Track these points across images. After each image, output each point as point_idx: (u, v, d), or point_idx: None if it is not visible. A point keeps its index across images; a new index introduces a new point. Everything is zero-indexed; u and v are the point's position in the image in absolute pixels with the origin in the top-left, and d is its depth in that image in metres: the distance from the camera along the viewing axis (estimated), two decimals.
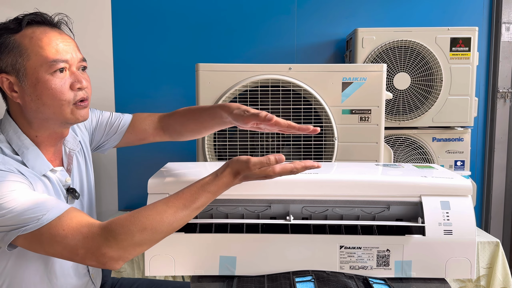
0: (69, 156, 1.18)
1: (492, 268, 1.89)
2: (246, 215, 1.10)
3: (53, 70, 1.01)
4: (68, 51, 1.05)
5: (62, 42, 1.04)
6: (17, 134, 1.06)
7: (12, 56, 1.01)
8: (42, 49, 1.01)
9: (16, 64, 1.01)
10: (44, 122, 1.07)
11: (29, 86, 1.01)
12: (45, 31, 1.04)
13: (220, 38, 2.46)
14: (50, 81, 1.01)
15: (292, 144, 1.63)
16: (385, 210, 1.09)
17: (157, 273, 1.08)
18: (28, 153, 1.05)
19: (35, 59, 1.00)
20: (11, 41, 1.01)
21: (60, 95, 1.03)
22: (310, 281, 1.01)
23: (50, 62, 1.01)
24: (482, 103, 2.55)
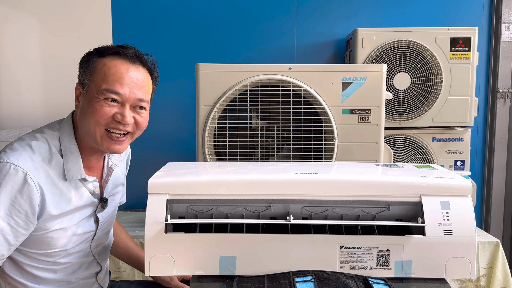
0: (109, 168, 1.28)
1: (492, 268, 1.89)
2: (246, 215, 1.10)
3: (103, 97, 1.12)
4: (128, 87, 1.13)
5: (128, 77, 1.14)
6: (69, 137, 1.18)
7: (86, 73, 1.15)
8: (104, 76, 1.12)
9: (85, 80, 1.15)
10: (85, 136, 1.17)
11: (85, 100, 1.14)
12: (119, 64, 1.14)
13: (220, 38, 2.46)
14: (98, 103, 1.12)
15: (292, 144, 1.63)
16: (385, 210, 1.09)
17: (157, 273, 1.08)
18: (70, 157, 1.16)
19: (96, 82, 1.12)
20: (92, 61, 1.15)
21: (99, 117, 1.12)
22: (310, 281, 1.01)
23: (103, 89, 1.12)
24: (482, 103, 2.55)
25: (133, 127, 1.17)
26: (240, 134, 1.62)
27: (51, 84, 2.47)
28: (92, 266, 1.30)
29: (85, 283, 1.29)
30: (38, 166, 1.10)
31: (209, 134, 1.63)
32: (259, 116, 1.64)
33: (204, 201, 1.10)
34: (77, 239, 1.21)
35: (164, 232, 1.05)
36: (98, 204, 1.25)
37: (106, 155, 1.28)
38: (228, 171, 1.33)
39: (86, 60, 1.16)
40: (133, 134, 1.20)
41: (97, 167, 1.26)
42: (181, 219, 1.09)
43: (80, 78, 1.17)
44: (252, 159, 1.64)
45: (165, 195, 1.08)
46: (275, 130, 1.62)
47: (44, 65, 2.47)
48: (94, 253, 1.29)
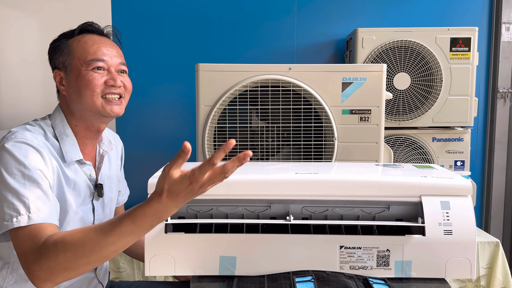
0: (101, 156, 1.32)
1: (492, 268, 1.89)
2: (246, 215, 1.10)
3: (91, 68, 1.18)
4: (107, 54, 1.22)
5: (104, 47, 1.22)
6: (62, 122, 1.22)
7: (63, 55, 1.21)
8: (84, 50, 1.20)
9: (65, 62, 1.20)
10: (82, 113, 1.21)
11: (72, 79, 1.19)
12: (92, 37, 1.23)
13: (220, 38, 2.46)
14: (88, 75, 1.18)
15: (292, 144, 1.63)
16: (385, 210, 1.09)
17: (157, 273, 1.08)
18: (66, 140, 1.20)
19: (78, 57, 1.19)
20: (65, 44, 1.21)
21: (94, 87, 1.18)
22: (310, 281, 1.01)
23: (89, 60, 1.18)
24: (482, 103, 2.55)
25: (123, 90, 1.24)
26: (240, 134, 1.62)
27: (51, 84, 2.47)
28: None
29: (85, 278, 1.28)
30: (42, 144, 1.13)
31: (209, 134, 1.63)
32: (259, 116, 1.64)
33: (204, 201, 1.10)
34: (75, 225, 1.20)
35: (164, 232, 1.05)
36: (94, 191, 1.26)
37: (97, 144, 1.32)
38: None
39: (56, 46, 1.22)
40: (125, 97, 1.26)
41: (91, 155, 1.29)
42: (181, 219, 1.09)
43: (57, 63, 1.22)
44: (252, 159, 1.64)
45: None
46: (275, 130, 1.62)
47: (44, 65, 2.46)
48: None
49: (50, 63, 1.26)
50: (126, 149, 2.26)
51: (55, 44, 1.23)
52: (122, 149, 1.49)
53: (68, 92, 1.21)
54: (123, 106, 1.25)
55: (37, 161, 1.07)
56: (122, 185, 1.50)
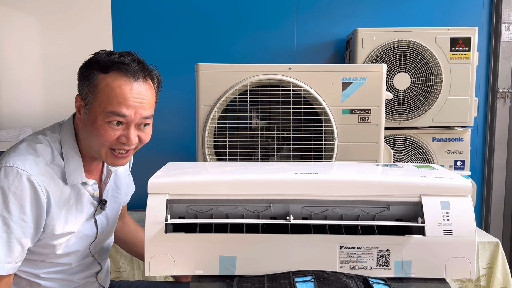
0: (108, 171, 1.29)
1: (492, 268, 1.89)
2: (246, 215, 1.10)
3: (108, 120, 1.10)
4: (133, 107, 1.11)
5: (132, 98, 1.10)
6: (71, 141, 1.18)
7: (88, 89, 1.11)
8: (108, 97, 1.09)
9: (87, 97, 1.12)
10: (89, 148, 1.18)
11: (88, 120, 1.12)
12: (123, 83, 1.10)
13: (220, 38, 2.46)
14: (103, 127, 1.11)
15: (292, 144, 1.63)
16: (385, 210, 1.09)
17: (157, 273, 1.08)
18: (71, 161, 1.16)
19: (100, 102, 1.10)
20: (94, 77, 1.10)
21: (104, 141, 1.12)
22: (310, 281, 1.01)
23: (108, 112, 1.09)
24: (482, 103, 2.55)
25: (137, 143, 1.17)
26: (240, 134, 1.62)
27: (51, 84, 2.48)
28: (93, 266, 1.31)
29: (86, 282, 1.30)
30: (42, 170, 1.11)
31: (209, 134, 1.63)
32: (259, 116, 1.64)
33: (204, 201, 1.10)
34: (79, 241, 1.22)
35: (164, 232, 1.05)
36: (97, 206, 1.25)
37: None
38: (228, 171, 1.33)
39: (86, 75, 1.12)
40: (136, 148, 1.20)
41: (96, 169, 1.27)
42: (181, 219, 1.09)
43: (81, 92, 1.14)
44: (252, 159, 1.64)
45: (165, 195, 1.08)
46: (275, 130, 1.62)
47: (44, 64, 2.47)
48: (93, 254, 1.30)
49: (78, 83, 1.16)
50: None
51: (87, 71, 1.12)
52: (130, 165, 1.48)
53: (81, 123, 1.16)
54: (129, 157, 1.20)
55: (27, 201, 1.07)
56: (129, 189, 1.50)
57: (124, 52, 1.14)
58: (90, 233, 1.25)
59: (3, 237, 1.05)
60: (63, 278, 1.24)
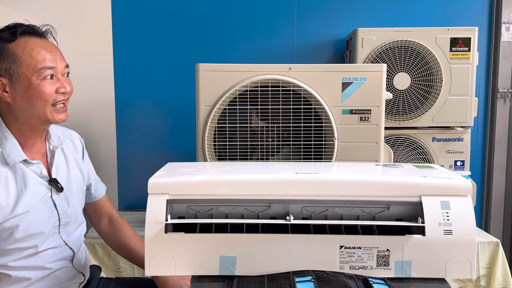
0: (52, 152, 1.32)
1: (492, 268, 1.89)
2: (246, 215, 1.10)
3: (43, 77, 1.18)
4: (54, 60, 1.21)
5: (49, 52, 1.20)
6: (1, 126, 1.22)
7: (7, 62, 1.17)
8: (32, 57, 1.17)
9: (10, 70, 1.17)
10: (29, 119, 1.22)
11: (21, 88, 1.17)
12: (36, 42, 1.19)
13: (220, 38, 2.46)
14: (41, 86, 1.18)
15: (292, 144, 1.63)
16: (385, 210, 1.09)
17: (157, 273, 1.08)
18: (6, 143, 1.21)
19: (26, 65, 1.17)
20: (6, 49, 1.17)
21: (47, 97, 1.19)
22: (310, 281, 1.01)
23: (39, 69, 1.17)
24: (482, 103, 2.55)
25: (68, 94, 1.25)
26: (240, 134, 1.62)
27: None
28: (64, 251, 1.31)
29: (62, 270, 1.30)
30: None
31: (209, 134, 1.63)
32: (259, 116, 1.64)
33: (204, 201, 1.10)
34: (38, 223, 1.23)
35: (164, 232, 1.05)
36: (50, 187, 1.26)
37: (46, 141, 1.32)
38: (228, 171, 1.33)
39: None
40: (67, 101, 1.27)
41: (39, 151, 1.29)
42: (181, 219, 1.09)
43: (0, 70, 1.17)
44: (252, 159, 1.64)
45: (165, 195, 1.08)
46: (275, 130, 1.62)
47: None
48: (65, 240, 1.31)
49: None
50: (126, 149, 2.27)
51: None
52: (80, 141, 1.48)
53: (14, 100, 1.19)
54: (67, 111, 1.26)
55: None
56: (92, 179, 1.48)
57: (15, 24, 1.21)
58: (49, 215, 1.26)
59: None
60: (33, 265, 1.23)
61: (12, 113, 1.22)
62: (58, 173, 1.31)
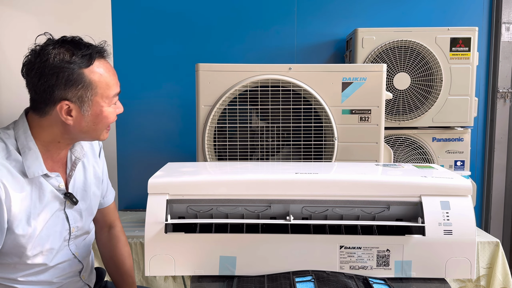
0: (73, 163, 1.26)
1: (492, 268, 1.89)
2: (246, 215, 1.10)
3: (113, 103, 1.18)
4: (118, 84, 1.20)
5: (114, 76, 1.19)
6: (26, 134, 1.15)
7: (82, 90, 1.12)
8: (108, 86, 1.15)
9: (83, 97, 1.12)
10: (79, 137, 1.20)
11: (90, 115, 1.15)
12: (106, 67, 1.17)
13: (220, 38, 2.46)
14: (109, 112, 1.17)
15: (292, 144, 1.63)
16: (385, 210, 1.09)
17: (157, 273, 1.08)
18: (29, 154, 1.13)
19: (101, 95, 1.14)
20: (83, 76, 1.11)
21: (111, 121, 1.19)
22: (310, 281, 1.01)
23: (112, 97, 1.17)
24: (482, 103, 2.55)
25: None
26: (240, 134, 1.62)
27: None
28: (74, 265, 1.27)
29: (69, 282, 1.26)
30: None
31: (209, 134, 1.63)
32: (259, 116, 1.64)
33: (204, 201, 1.10)
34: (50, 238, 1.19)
35: (164, 232, 1.05)
36: (64, 200, 1.21)
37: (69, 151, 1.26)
38: (228, 171, 1.33)
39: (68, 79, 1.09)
40: None
41: (61, 162, 1.24)
42: (181, 219, 1.09)
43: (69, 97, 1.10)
44: (252, 159, 1.64)
45: (165, 195, 1.08)
46: (275, 130, 1.62)
47: None
48: (73, 252, 1.26)
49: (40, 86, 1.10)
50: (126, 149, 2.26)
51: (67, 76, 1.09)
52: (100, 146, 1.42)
53: (77, 124, 1.14)
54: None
55: None
56: (104, 183, 1.42)
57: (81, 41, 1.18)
58: (61, 229, 1.21)
59: None
60: (41, 280, 1.20)
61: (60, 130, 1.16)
62: (75, 184, 1.26)
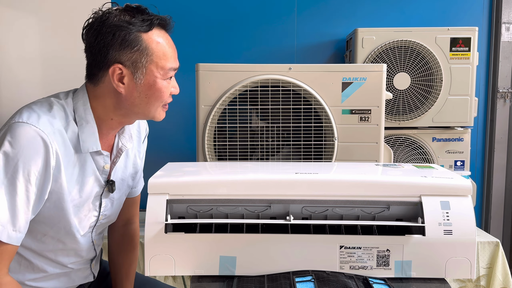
0: (119, 150, 1.19)
1: (492, 268, 1.89)
2: (246, 215, 1.10)
3: (167, 77, 1.10)
4: (177, 60, 1.14)
5: (174, 51, 1.13)
6: (85, 107, 1.09)
7: (138, 54, 1.05)
8: (165, 56, 1.09)
9: (138, 63, 1.05)
10: (132, 114, 1.12)
11: (143, 85, 1.07)
12: (167, 38, 1.11)
13: (220, 38, 2.46)
14: (164, 86, 1.09)
15: (292, 144, 1.63)
16: (385, 210, 1.09)
17: (157, 273, 1.08)
18: (86, 127, 1.08)
19: (156, 64, 1.07)
20: (140, 40, 1.05)
21: (165, 98, 1.11)
22: (310, 281, 1.01)
23: (168, 70, 1.09)
24: (482, 103, 2.55)
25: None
26: (240, 134, 1.62)
27: (51, 84, 2.47)
28: (90, 252, 1.24)
29: (80, 270, 1.24)
30: (56, 132, 1.02)
31: (209, 134, 1.63)
32: (259, 116, 1.64)
33: (204, 201, 1.10)
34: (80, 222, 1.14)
35: (164, 232, 1.05)
36: (104, 186, 1.17)
37: (116, 135, 1.19)
38: (228, 171, 1.33)
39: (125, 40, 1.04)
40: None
41: (107, 144, 1.17)
42: (181, 219, 1.09)
43: (123, 60, 1.05)
44: (252, 159, 1.64)
45: (165, 195, 1.08)
46: (275, 130, 1.62)
47: (44, 64, 2.46)
48: (93, 239, 1.23)
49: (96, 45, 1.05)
50: None
51: (124, 37, 1.03)
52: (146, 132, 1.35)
53: (129, 93, 1.08)
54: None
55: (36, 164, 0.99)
56: (138, 175, 1.34)
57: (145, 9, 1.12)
58: (91, 215, 1.17)
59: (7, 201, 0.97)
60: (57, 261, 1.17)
61: (112, 101, 1.09)
62: (116, 172, 1.20)
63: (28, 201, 0.99)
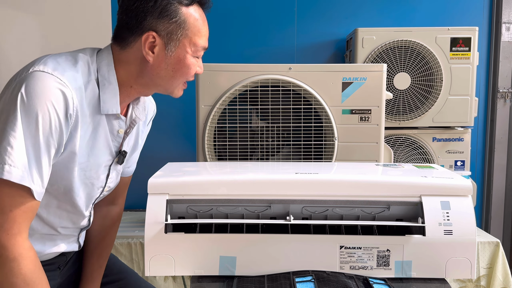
0: (133, 121, 1.17)
1: (492, 268, 1.89)
2: (246, 215, 1.10)
3: (196, 55, 1.09)
4: (207, 40, 1.12)
5: (207, 31, 1.12)
6: (109, 67, 1.07)
7: (174, 26, 1.04)
8: (200, 33, 1.08)
9: (172, 34, 1.04)
10: (152, 85, 1.10)
11: (173, 58, 1.06)
12: (204, 17, 1.10)
13: (220, 38, 2.45)
14: (192, 63, 1.09)
15: (292, 144, 1.63)
16: (385, 210, 1.09)
17: (157, 273, 1.08)
18: (108, 88, 1.06)
19: (190, 39, 1.06)
20: (179, 12, 1.04)
21: (189, 76, 1.10)
22: (310, 281, 1.01)
23: (199, 47, 1.08)
24: (482, 103, 2.55)
25: None
26: (240, 134, 1.62)
27: None
28: (83, 221, 1.20)
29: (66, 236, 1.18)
30: (78, 89, 1.00)
31: (209, 134, 1.63)
32: (259, 116, 1.64)
33: (204, 201, 1.10)
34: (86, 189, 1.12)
35: (164, 232, 1.05)
36: (115, 156, 1.14)
37: (130, 104, 1.16)
38: (228, 171, 1.33)
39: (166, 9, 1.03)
40: None
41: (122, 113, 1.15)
42: (181, 219, 1.09)
43: (159, 27, 1.03)
44: (252, 159, 1.64)
45: (165, 195, 1.08)
46: (275, 130, 1.62)
47: None
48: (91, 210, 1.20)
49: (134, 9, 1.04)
50: None
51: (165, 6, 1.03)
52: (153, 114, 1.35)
53: (156, 64, 1.06)
54: None
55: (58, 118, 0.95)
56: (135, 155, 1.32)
57: None
58: (98, 184, 1.15)
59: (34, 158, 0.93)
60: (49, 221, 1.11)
61: (137, 69, 1.07)
62: (127, 144, 1.18)
63: (49, 157, 0.97)
